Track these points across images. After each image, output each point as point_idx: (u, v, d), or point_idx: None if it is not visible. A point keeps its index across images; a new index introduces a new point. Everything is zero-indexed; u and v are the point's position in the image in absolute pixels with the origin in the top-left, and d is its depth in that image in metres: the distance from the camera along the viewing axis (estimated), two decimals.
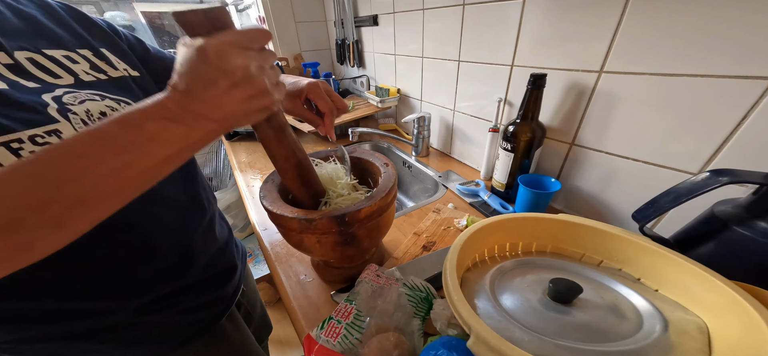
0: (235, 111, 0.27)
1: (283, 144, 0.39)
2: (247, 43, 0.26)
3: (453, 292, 0.34)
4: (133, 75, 0.44)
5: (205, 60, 0.24)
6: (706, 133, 0.47)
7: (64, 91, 0.34)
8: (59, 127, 0.31)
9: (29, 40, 0.35)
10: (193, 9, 0.25)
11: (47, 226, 0.23)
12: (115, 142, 0.24)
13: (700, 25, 0.43)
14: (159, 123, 0.25)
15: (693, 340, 0.29)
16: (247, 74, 0.26)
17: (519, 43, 0.68)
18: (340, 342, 0.41)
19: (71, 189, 0.23)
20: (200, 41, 0.25)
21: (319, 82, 0.46)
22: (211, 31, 0.26)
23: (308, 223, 0.38)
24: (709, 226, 0.38)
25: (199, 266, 0.51)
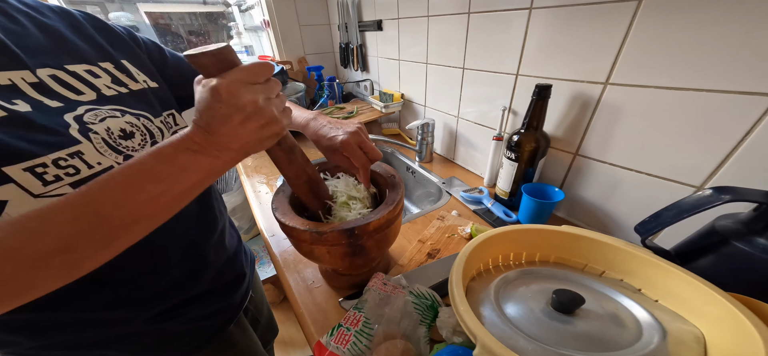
0: (250, 139, 0.31)
1: (294, 163, 0.43)
2: (252, 79, 0.30)
3: (459, 303, 0.35)
4: (152, 86, 0.46)
5: (218, 99, 0.28)
6: (709, 147, 0.47)
7: (85, 108, 0.36)
8: (81, 148, 0.33)
9: (52, 56, 0.36)
10: (203, 51, 0.28)
11: (96, 247, 0.26)
12: (153, 173, 0.28)
13: (707, 41, 0.43)
14: (188, 155, 0.29)
15: (690, 350, 0.30)
16: (257, 107, 0.30)
17: (524, 53, 0.68)
18: (350, 349, 0.42)
19: (116, 215, 0.26)
20: (213, 82, 0.28)
21: (351, 138, 0.47)
22: (221, 69, 0.29)
23: (319, 236, 0.40)
24: (710, 240, 0.39)
25: (210, 275, 0.52)
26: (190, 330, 0.51)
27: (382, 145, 1.23)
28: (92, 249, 0.26)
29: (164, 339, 0.49)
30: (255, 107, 0.30)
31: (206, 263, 0.52)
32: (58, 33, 0.38)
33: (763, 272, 0.33)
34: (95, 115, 0.36)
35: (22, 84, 0.32)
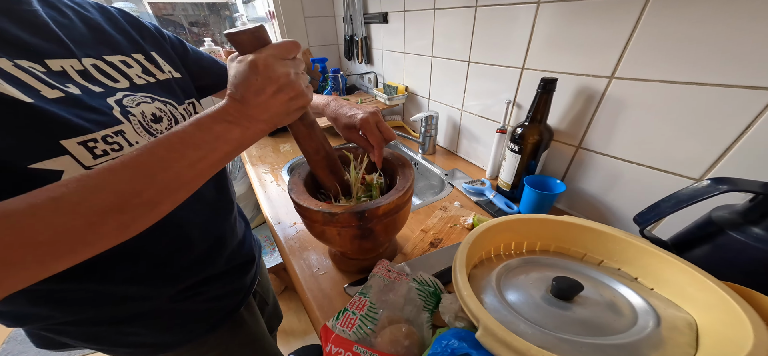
0: (279, 111, 0.34)
1: (314, 139, 0.45)
2: (285, 54, 0.32)
3: (462, 288, 0.36)
4: (176, 77, 0.49)
5: (255, 71, 0.30)
6: (710, 140, 0.48)
7: (123, 94, 0.39)
8: (123, 128, 0.36)
9: (93, 47, 0.40)
10: (242, 30, 0.31)
11: (144, 207, 0.28)
12: (193, 140, 0.30)
13: (712, 36, 0.44)
14: (223, 125, 0.31)
15: (682, 335, 0.31)
16: (288, 80, 0.32)
17: (531, 46, 0.69)
18: (355, 332, 0.44)
19: (162, 177, 0.29)
20: (251, 57, 0.31)
21: (370, 117, 0.50)
22: (256, 46, 0.32)
23: (331, 217, 0.42)
24: (706, 230, 0.40)
25: (225, 256, 0.55)
26: (206, 310, 0.54)
27: None
28: (140, 209, 0.28)
29: (183, 318, 0.51)
30: (287, 79, 0.32)
31: (223, 244, 0.54)
32: (99, 26, 0.42)
33: (756, 261, 0.34)
34: (132, 100, 0.39)
35: (71, 71, 0.35)
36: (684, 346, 0.30)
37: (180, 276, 0.48)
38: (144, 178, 0.28)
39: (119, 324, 0.45)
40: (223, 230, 0.54)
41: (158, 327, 0.49)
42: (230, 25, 2.46)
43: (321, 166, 0.48)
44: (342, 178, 0.51)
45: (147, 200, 0.28)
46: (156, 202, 0.29)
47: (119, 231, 0.27)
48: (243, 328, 0.63)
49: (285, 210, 0.79)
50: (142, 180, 0.28)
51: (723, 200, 0.41)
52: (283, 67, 0.32)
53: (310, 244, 0.67)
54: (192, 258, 0.48)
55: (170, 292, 0.47)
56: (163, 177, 0.29)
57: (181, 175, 0.30)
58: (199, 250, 0.49)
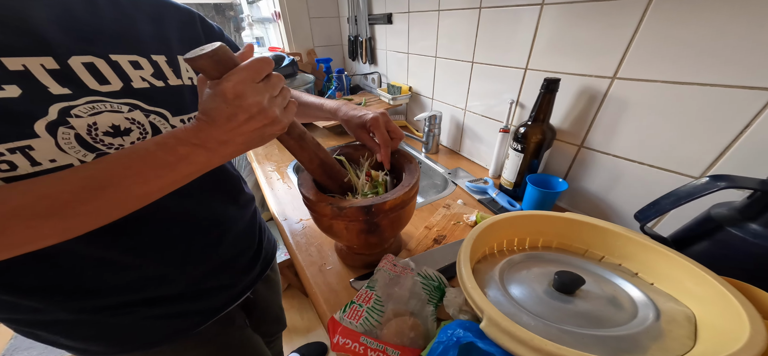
0: (252, 137, 0.34)
1: (305, 149, 0.46)
2: (256, 77, 0.31)
3: (467, 280, 0.37)
4: (195, 85, 0.47)
5: (225, 100, 0.30)
6: (710, 139, 0.49)
7: (88, 100, 0.35)
8: (33, 144, 0.32)
9: (102, 44, 0.37)
10: (200, 54, 0.28)
11: (87, 216, 0.30)
12: (154, 160, 0.31)
13: (712, 37, 0.45)
14: (188, 147, 0.32)
15: (681, 328, 0.32)
16: (261, 108, 0.32)
17: (534, 47, 0.70)
18: (362, 324, 0.45)
19: (111, 193, 0.30)
20: (221, 85, 0.30)
21: (379, 117, 0.51)
22: (222, 71, 0.30)
23: (339, 211, 0.43)
24: (706, 227, 0.41)
25: (174, 282, 0.50)
26: (146, 325, 0.50)
27: None
28: (83, 218, 0.30)
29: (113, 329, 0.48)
30: (259, 108, 0.32)
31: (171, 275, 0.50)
32: (129, 21, 0.40)
33: (754, 256, 0.35)
34: (92, 108, 0.36)
35: (38, 70, 0.32)
36: (683, 338, 0.31)
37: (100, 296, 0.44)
38: (91, 192, 0.29)
39: (35, 327, 0.43)
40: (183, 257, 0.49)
41: (79, 336, 0.46)
42: (235, 26, 2.48)
43: (317, 172, 0.49)
44: (341, 180, 0.52)
45: (92, 211, 0.30)
46: (101, 214, 0.31)
47: (62, 233, 0.30)
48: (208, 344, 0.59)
49: (291, 207, 0.80)
50: (88, 193, 0.29)
51: (722, 197, 0.42)
52: (255, 94, 0.31)
53: (316, 240, 0.68)
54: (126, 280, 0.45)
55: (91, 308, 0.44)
56: (111, 192, 0.30)
57: (133, 192, 0.31)
58: (139, 274, 0.46)
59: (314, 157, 0.47)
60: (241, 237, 0.60)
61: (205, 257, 0.52)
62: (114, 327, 0.46)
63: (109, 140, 0.37)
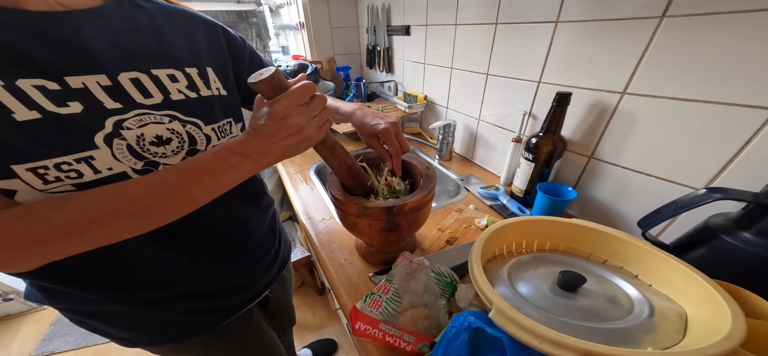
0: (287, 151, 0.40)
1: (336, 157, 0.52)
2: (300, 100, 0.38)
3: (478, 275, 0.42)
4: (222, 94, 0.50)
5: (274, 119, 0.37)
6: (713, 153, 0.52)
7: (136, 112, 0.39)
8: (94, 154, 0.35)
9: (145, 59, 0.40)
10: (261, 79, 0.36)
11: (161, 216, 0.36)
12: (212, 168, 0.37)
13: (716, 57, 0.48)
14: (238, 158, 0.38)
15: (672, 323, 0.36)
16: (299, 129, 0.39)
17: (548, 62, 0.73)
18: (382, 313, 0.50)
19: (181, 196, 0.37)
20: (272, 106, 0.37)
21: (390, 128, 0.56)
22: (275, 92, 0.38)
23: (365, 210, 0.49)
24: (703, 235, 0.44)
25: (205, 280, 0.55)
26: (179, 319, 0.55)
27: None
28: (161, 218, 0.37)
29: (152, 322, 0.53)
30: (298, 128, 0.39)
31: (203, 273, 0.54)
32: (165, 36, 0.43)
33: (745, 262, 0.38)
34: (139, 120, 0.39)
35: (95, 87, 0.35)
36: (673, 332, 0.35)
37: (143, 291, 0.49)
38: (165, 197, 0.36)
39: (89, 318, 0.49)
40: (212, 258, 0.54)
41: (124, 328, 0.51)
42: (256, 32, 2.61)
43: (345, 177, 0.56)
44: (364, 184, 0.58)
45: (165, 212, 0.36)
46: (171, 213, 0.37)
47: (136, 230, 0.36)
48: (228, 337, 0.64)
49: (314, 207, 0.86)
50: (163, 197, 0.36)
51: (721, 208, 0.45)
52: (298, 116, 0.38)
53: (337, 238, 0.73)
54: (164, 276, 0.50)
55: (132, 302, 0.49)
56: (181, 196, 0.37)
57: (196, 195, 0.38)
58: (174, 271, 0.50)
59: (343, 164, 0.54)
60: (263, 239, 0.64)
61: (232, 257, 0.56)
62: (153, 319, 0.52)
63: (154, 149, 0.40)
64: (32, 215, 0.31)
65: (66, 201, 0.32)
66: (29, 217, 0.31)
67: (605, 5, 0.60)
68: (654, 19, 0.53)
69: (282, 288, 0.85)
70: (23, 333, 1.58)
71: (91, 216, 0.33)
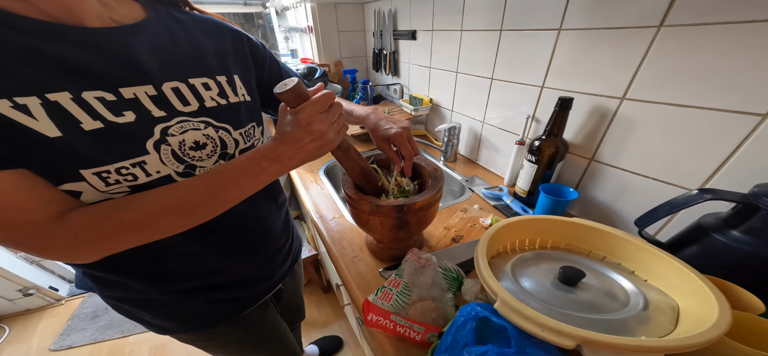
0: (310, 155, 0.44)
1: (350, 159, 0.56)
2: (322, 108, 0.42)
3: (483, 269, 0.45)
4: (247, 100, 0.52)
5: (298, 126, 0.41)
6: (707, 156, 0.55)
7: (178, 120, 0.42)
8: (146, 159, 0.39)
9: (183, 70, 0.43)
10: (285, 89, 0.40)
11: (204, 214, 0.41)
12: (245, 171, 0.41)
13: (711, 65, 0.51)
14: (267, 161, 0.42)
15: (665, 315, 0.39)
16: (321, 134, 0.42)
17: (550, 68, 0.76)
18: (392, 305, 0.53)
19: (220, 196, 0.41)
20: (298, 114, 0.41)
21: (403, 132, 0.59)
22: (298, 101, 0.41)
23: (377, 208, 0.52)
24: (696, 233, 0.47)
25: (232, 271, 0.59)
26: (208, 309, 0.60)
27: None
28: (202, 215, 0.41)
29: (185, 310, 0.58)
30: (321, 133, 0.42)
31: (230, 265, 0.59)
32: (201, 48, 0.46)
33: (733, 258, 0.41)
34: (180, 127, 0.42)
35: (143, 97, 0.39)
36: (665, 323, 0.38)
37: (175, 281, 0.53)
38: (208, 196, 0.40)
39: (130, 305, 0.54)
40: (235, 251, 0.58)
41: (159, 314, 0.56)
42: (262, 34, 2.67)
43: (358, 178, 0.59)
44: (376, 184, 0.62)
45: (207, 210, 0.41)
46: (212, 211, 0.41)
47: (182, 226, 0.40)
48: (248, 326, 0.69)
49: (325, 206, 0.90)
50: (206, 197, 0.40)
51: (713, 208, 0.48)
52: (320, 123, 0.41)
53: (347, 235, 0.77)
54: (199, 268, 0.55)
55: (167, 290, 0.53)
56: (220, 196, 0.41)
57: (232, 195, 0.42)
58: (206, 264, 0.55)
59: (356, 165, 0.57)
60: (279, 234, 0.67)
61: (254, 250, 0.60)
62: (186, 307, 0.57)
63: (192, 153, 0.43)
64: (103, 214, 0.36)
65: (130, 202, 0.37)
66: (101, 216, 0.35)
67: (606, 14, 0.62)
68: (652, 28, 0.56)
69: (294, 282, 0.89)
70: (42, 327, 1.64)
71: (150, 214, 0.37)
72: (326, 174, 1.10)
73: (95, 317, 1.67)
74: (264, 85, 0.59)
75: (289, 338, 0.85)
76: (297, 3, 1.57)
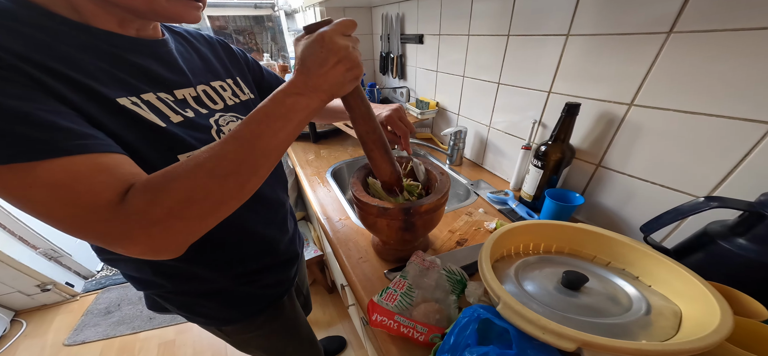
0: (338, 81, 0.38)
1: (369, 120, 0.49)
2: (345, 30, 0.37)
3: (487, 272, 0.46)
4: (252, 98, 0.60)
5: (321, 43, 0.35)
6: (715, 164, 0.54)
7: (219, 114, 0.50)
8: None
9: (204, 75, 0.51)
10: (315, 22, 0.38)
11: (250, 172, 0.36)
12: (273, 113, 0.37)
13: (721, 72, 0.50)
14: (293, 98, 0.37)
15: (667, 320, 0.39)
16: (347, 52, 0.37)
17: (558, 73, 0.76)
18: (397, 306, 0.54)
19: (258, 145, 0.36)
20: (318, 31, 0.36)
21: (393, 114, 0.61)
22: (321, 26, 0.37)
23: (384, 210, 0.53)
24: (702, 240, 0.47)
25: (277, 252, 0.66)
26: (258, 294, 0.65)
27: (416, 147, 1.34)
28: (248, 175, 0.36)
29: (241, 299, 0.63)
30: (346, 52, 0.37)
31: (274, 240, 0.65)
32: (206, 57, 0.54)
33: (739, 265, 0.41)
34: (224, 120, 0.50)
35: (188, 98, 0.47)
36: (667, 328, 0.38)
37: (239, 265, 0.59)
38: (247, 147, 0.35)
39: (200, 297, 0.59)
40: (275, 228, 0.65)
41: (224, 304, 0.61)
42: (271, 36, 2.73)
43: (377, 146, 0.51)
44: (393, 161, 0.55)
45: (251, 165, 0.36)
46: (257, 167, 0.36)
47: (238, 191, 0.36)
48: (284, 313, 0.75)
49: (331, 208, 0.91)
50: (246, 149, 0.35)
51: (719, 216, 0.48)
52: (344, 40, 0.36)
53: (353, 237, 0.78)
54: (251, 250, 0.59)
55: (232, 276, 0.58)
56: (258, 144, 0.36)
57: (269, 142, 0.36)
58: (257, 244, 0.60)
59: (376, 129, 0.50)
60: (292, 219, 0.75)
61: (284, 229, 0.68)
62: (244, 294, 0.62)
63: None
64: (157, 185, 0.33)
65: (175, 169, 0.34)
66: (156, 187, 0.33)
67: (615, 20, 0.62)
68: (662, 35, 0.56)
69: (302, 273, 0.95)
70: (58, 322, 1.69)
71: (199, 179, 0.34)
72: (333, 176, 1.11)
73: (108, 313, 1.71)
74: (264, 90, 0.67)
75: (309, 327, 0.92)
76: (306, 6, 1.59)
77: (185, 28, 0.56)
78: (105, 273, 2.03)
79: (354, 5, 1.56)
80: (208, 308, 0.61)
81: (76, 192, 0.30)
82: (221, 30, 2.56)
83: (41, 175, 0.28)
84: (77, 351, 1.53)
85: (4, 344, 1.56)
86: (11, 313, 1.69)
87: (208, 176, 0.34)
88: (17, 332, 1.62)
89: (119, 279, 1.95)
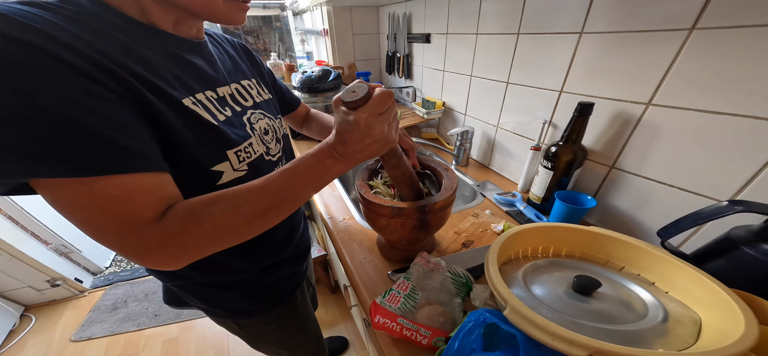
0: (370, 155, 0.42)
1: (400, 167, 0.53)
2: (381, 109, 0.38)
3: (494, 275, 0.44)
4: (271, 98, 0.63)
5: (358, 127, 0.38)
6: (738, 166, 0.51)
7: (250, 112, 0.53)
8: (251, 140, 0.49)
9: (235, 74, 0.54)
10: (353, 100, 0.37)
11: (277, 216, 0.40)
12: (313, 170, 0.40)
13: (747, 69, 0.48)
14: (332, 160, 0.40)
15: (685, 328, 0.36)
16: (382, 136, 0.40)
17: (570, 72, 0.74)
18: (400, 308, 0.53)
19: (290, 196, 0.40)
20: (356, 116, 0.38)
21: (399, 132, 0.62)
22: (360, 104, 0.38)
23: (399, 211, 0.53)
24: (724, 246, 0.44)
25: (294, 243, 0.67)
26: (276, 286, 0.66)
27: (421, 147, 1.33)
28: (275, 217, 0.40)
29: (261, 290, 0.64)
30: (381, 136, 0.40)
31: (295, 230, 0.68)
32: (234, 57, 0.56)
33: (764, 272, 0.38)
34: (254, 117, 0.53)
35: (226, 96, 0.49)
36: (685, 337, 0.36)
37: (266, 256, 0.61)
38: (279, 197, 0.39)
39: (222, 289, 0.59)
40: (295, 219, 0.68)
41: (245, 296, 0.62)
42: (279, 36, 2.75)
43: (406, 185, 0.56)
44: (420, 189, 0.58)
45: (279, 211, 0.40)
46: (283, 212, 0.41)
47: (258, 230, 0.40)
48: (297, 307, 0.75)
49: (336, 208, 0.90)
50: (278, 198, 0.39)
51: (742, 221, 0.45)
52: (380, 124, 0.38)
53: (356, 237, 0.77)
54: (275, 242, 0.62)
55: (258, 267, 0.60)
56: (290, 196, 0.40)
57: (301, 195, 0.41)
58: (284, 233, 0.63)
59: (407, 173, 0.55)
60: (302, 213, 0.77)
61: (295, 219, 0.69)
62: (266, 286, 0.63)
63: (265, 138, 0.54)
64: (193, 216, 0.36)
65: (211, 206, 0.37)
66: (192, 218, 0.36)
67: (632, 17, 0.60)
68: (683, 31, 0.53)
69: (310, 268, 0.95)
70: (65, 318, 1.72)
71: (231, 219, 0.37)
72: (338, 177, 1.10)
73: (115, 309, 1.73)
74: (274, 91, 0.70)
75: (317, 323, 0.94)
76: (313, 6, 1.60)
77: (210, 30, 0.58)
78: (113, 270, 2.06)
79: (361, 4, 1.56)
80: (229, 300, 0.61)
81: (125, 208, 0.32)
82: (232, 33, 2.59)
83: (98, 190, 0.31)
84: (83, 347, 1.55)
85: (14, 339, 1.58)
86: (21, 308, 1.72)
87: (241, 218, 0.38)
88: (26, 327, 1.64)
89: (127, 275, 1.98)
